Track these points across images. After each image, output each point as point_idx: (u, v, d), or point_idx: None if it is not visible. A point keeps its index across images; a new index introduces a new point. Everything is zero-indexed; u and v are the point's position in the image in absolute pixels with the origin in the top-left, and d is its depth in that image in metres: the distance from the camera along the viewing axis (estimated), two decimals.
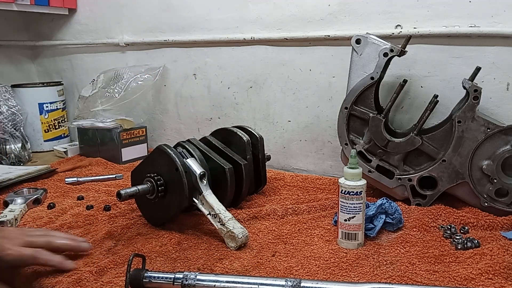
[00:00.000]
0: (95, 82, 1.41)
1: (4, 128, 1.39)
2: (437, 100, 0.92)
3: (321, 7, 1.14)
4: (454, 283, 0.64)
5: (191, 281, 0.62)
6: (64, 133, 1.59)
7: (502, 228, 0.82)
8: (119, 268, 0.70)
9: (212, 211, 0.79)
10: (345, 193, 0.74)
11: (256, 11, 1.23)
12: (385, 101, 1.00)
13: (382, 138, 0.94)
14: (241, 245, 0.77)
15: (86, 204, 0.99)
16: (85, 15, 1.57)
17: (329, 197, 1.00)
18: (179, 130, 1.47)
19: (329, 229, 0.84)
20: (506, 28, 0.93)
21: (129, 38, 1.47)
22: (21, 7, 1.40)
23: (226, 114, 1.35)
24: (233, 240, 0.76)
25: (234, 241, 0.76)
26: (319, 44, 1.16)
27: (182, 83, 1.41)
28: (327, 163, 1.22)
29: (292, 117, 1.24)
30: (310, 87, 1.20)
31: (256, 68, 1.27)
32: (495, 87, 0.97)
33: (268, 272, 0.68)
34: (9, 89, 1.47)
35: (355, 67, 0.96)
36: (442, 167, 0.91)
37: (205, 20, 1.32)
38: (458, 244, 0.75)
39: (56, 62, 1.69)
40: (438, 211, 0.88)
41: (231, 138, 0.99)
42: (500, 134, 0.87)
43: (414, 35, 1.00)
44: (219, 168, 0.90)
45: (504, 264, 0.66)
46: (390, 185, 0.96)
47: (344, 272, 0.68)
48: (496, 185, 0.87)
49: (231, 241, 0.76)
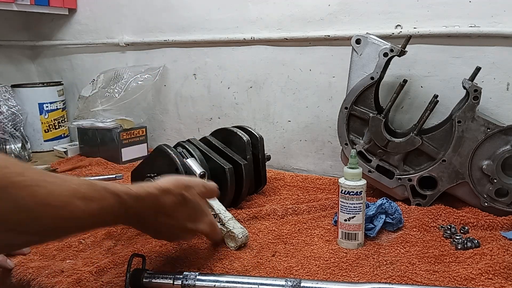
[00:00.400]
0: (95, 82, 1.41)
1: (4, 128, 1.39)
2: (437, 100, 0.92)
3: (321, 7, 1.14)
4: (454, 283, 0.64)
5: (191, 281, 0.62)
6: (64, 133, 1.59)
7: (502, 228, 0.82)
8: (119, 268, 0.70)
9: (212, 211, 0.79)
10: (345, 193, 0.74)
11: (256, 11, 1.23)
12: (385, 101, 1.00)
13: (382, 138, 0.94)
14: (241, 245, 0.76)
15: None
16: (85, 15, 1.57)
17: (329, 197, 1.00)
18: (179, 130, 1.47)
19: (329, 229, 0.84)
20: (506, 28, 0.93)
21: (129, 38, 1.47)
22: (21, 7, 1.40)
23: (226, 114, 1.35)
24: (233, 240, 0.76)
25: (234, 241, 0.76)
26: (319, 44, 1.16)
27: (182, 83, 1.41)
28: (327, 163, 1.22)
29: (292, 117, 1.24)
30: (310, 87, 1.20)
31: (256, 68, 1.27)
32: (495, 87, 0.97)
33: (268, 272, 0.68)
34: (9, 89, 1.47)
35: (355, 67, 0.96)
36: (442, 167, 0.91)
37: (205, 20, 1.32)
38: (458, 244, 0.75)
39: (56, 62, 1.69)
40: (438, 211, 0.88)
41: (231, 138, 0.99)
42: (500, 134, 0.87)
43: (414, 35, 1.00)
44: (219, 168, 0.90)
45: (504, 264, 0.66)
46: (390, 185, 0.95)
47: (344, 272, 0.68)
48: (496, 185, 0.87)
49: (231, 241, 0.76)
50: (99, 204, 0.51)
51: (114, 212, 0.54)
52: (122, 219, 0.58)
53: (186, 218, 0.66)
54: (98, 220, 0.54)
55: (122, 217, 0.57)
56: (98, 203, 0.51)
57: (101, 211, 0.52)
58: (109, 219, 0.56)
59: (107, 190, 0.53)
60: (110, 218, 0.55)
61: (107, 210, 0.53)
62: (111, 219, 0.56)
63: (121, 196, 0.55)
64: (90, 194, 0.51)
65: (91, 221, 0.52)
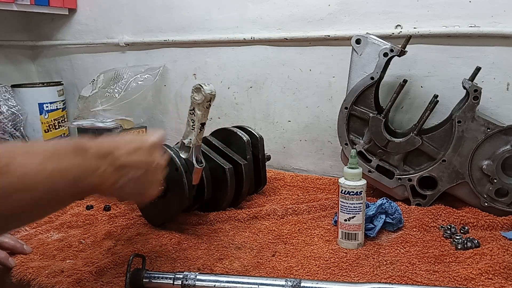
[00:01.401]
0: (95, 82, 1.41)
1: (4, 128, 1.39)
2: (437, 100, 0.92)
3: (321, 7, 1.13)
4: (454, 283, 0.64)
5: (191, 281, 0.62)
6: (64, 133, 1.59)
7: (502, 228, 0.82)
8: (119, 268, 0.70)
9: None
10: (345, 193, 0.74)
11: (256, 11, 1.23)
12: (385, 101, 1.00)
13: (382, 138, 0.94)
14: (209, 100, 0.74)
15: (86, 204, 0.99)
16: (85, 15, 1.57)
17: (329, 197, 1.00)
18: (179, 130, 1.47)
19: (329, 229, 0.84)
20: (506, 28, 0.93)
21: (129, 38, 1.47)
22: (21, 7, 1.40)
23: (226, 114, 1.35)
24: (199, 92, 0.73)
25: (200, 93, 0.73)
26: (319, 44, 1.16)
27: (182, 83, 1.41)
28: (327, 163, 1.22)
29: (292, 117, 1.24)
30: (310, 87, 1.20)
31: (256, 68, 1.27)
32: (495, 87, 0.97)
33: (268, 272, 0.68)
34: (9, 89, 1.47)
35: (355, 67, 0.96)
36: (442, 167, 0.91)
37: (205, 20, 1.32)
38: (458, 244, 0.75)
39: (56, 62, 1.69)
40: (438, 211, 0.88)
41: (231, 138, 0.99)
42: (500, 134, 0.87)
43: (414, 35, 1.00)
44: (219, 168, 0.90)
45: (504, 264, 0.66)
46: (390, 185, 0.95)
47: (344, 272, 0.68)
48: (496, 185, 0.87)
49: (197, 93, 0.74)
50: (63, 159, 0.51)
51: (80, 164, 0.52)
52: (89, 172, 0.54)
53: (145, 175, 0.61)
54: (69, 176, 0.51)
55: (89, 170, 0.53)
56: (61, 158, 0.51)
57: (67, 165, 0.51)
58: (76, 172, 0.52)
59: (70, 144, 0.53)
60: (77, 171, 0.52)
61: (73, 162, 0.52)
62: (79, 172, 0.52)
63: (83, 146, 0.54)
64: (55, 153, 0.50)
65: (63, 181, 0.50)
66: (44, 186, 0.50)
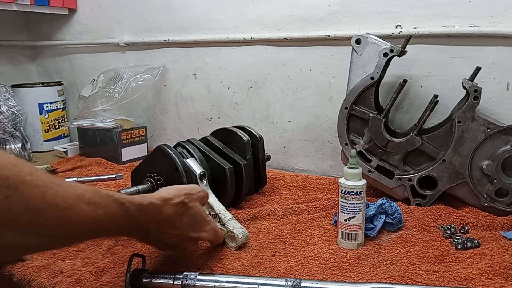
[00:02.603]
0: (95, 82, 1.41)
1: (4, 128, 1.39)
2: (437, 100, 0.92)
3: (321, 7, 1.13)
4: (454, 283, 0.64)
5: (191, 281, 0.62)
6: (64, 133, 1.59)
7: (502, 228, 0.82)
8: (119, 268, 0.70)
9: (212, 211, 0.79)
10: (345, 193, 0.74)
11: (256, 11, 1.23)
12: (385, 101, 1.00)
13: (382, 138, 0.94)
14: (241, 245, 0.76)
15: None
16: (85, 15, 1.57)
17: (329, 197, 0.99)
18: (179, 130, 1.47)
19: (329, 229, 0.84)
20: (506, 28, 0.93)
21: (129, 38, 1.47)
22: (21, 7, 1.40)
23: (226, 114, 1.35)
24: (233, 240, 0.76)
25: (234, 241, 0.76)
26: (319, 44, 1.16)
27: (182, 83, 1.41)
28: (327, 163, 1.22)
29: (292, 117, 1.24)
30: (310, 87, 1.20)
31: (256, 68, 1.27)
32: (495, 87, 0.97)
33: (268, 272, 0.68)
34: (9, 89, 1.47)
35: (355, 67, 0.96)
36: (442, 167, 0.91)
37: (205, 20, 1.32)
38: (458, 244, 0.75)
39: (56, 62, 1.69)
40: (438, 211, 0.88)
41: (231, 138, 0.99)
42: (500, 134, 0.87)
43: (414, 35, 1.00)
44: (219, 168, 0.90)
45: (504, 264, 0.66)
46: (390, 185, 0.95)
47: (344, 272, 0.68)
48: (496, 185, 0.87)
49: (231, 241, 0.76)
50: (103, 210, 0.51)
51: (118, 220, 0.54)
52: (126, 228, 0.57)
53: (188, 227, 0.66)
54: (103, 227, 0.53)
55: (126, 227, 0.57)
56: (103, 209, 0.51)
57: (105, 218, 0.52)
58: (113, 227, 0.55)
59: (111, 198, 0.53)
60: (114, 226, 0.55)
61: (112, 217, 0.53)
62: (115, 227, 0.56)
63: (124, 204, 0.55)
64: (95, 200, 0.50)
65: (96, 227, 0.52)
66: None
